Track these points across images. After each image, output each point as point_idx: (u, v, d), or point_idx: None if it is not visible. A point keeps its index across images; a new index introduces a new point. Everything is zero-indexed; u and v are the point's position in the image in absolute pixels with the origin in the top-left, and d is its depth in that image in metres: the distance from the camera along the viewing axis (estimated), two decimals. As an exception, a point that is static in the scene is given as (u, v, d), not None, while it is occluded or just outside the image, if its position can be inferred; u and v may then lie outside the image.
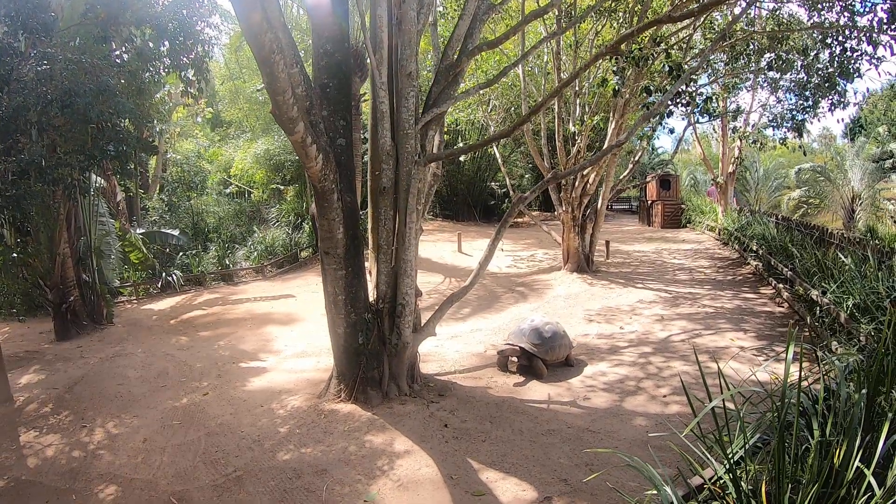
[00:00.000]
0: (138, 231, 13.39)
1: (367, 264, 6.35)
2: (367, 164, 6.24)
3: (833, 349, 6.65)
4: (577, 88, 12.39)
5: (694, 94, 8.24)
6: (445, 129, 15.58)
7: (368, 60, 5.56)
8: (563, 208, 12.72)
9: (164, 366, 8.05)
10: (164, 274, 12.69)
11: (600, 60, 9.43)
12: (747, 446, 3.07)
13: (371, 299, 6.25)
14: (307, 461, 5.02)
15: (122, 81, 7.76)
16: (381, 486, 4.59)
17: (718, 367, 3.50)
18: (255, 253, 14.45)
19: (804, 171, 23.66)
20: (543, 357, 6.73)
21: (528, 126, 13.58)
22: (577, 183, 12.40)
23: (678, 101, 8.14)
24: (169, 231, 14.21)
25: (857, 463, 2.65)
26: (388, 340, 6.10)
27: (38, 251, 9.50)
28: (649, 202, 23.33)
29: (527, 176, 26.05)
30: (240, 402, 6.57)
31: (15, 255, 9.09)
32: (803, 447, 3.03)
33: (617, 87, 7.68)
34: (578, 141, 12.18)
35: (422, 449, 5.10)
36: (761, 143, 14.05)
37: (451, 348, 8.20)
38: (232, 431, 5.75)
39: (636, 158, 13.45)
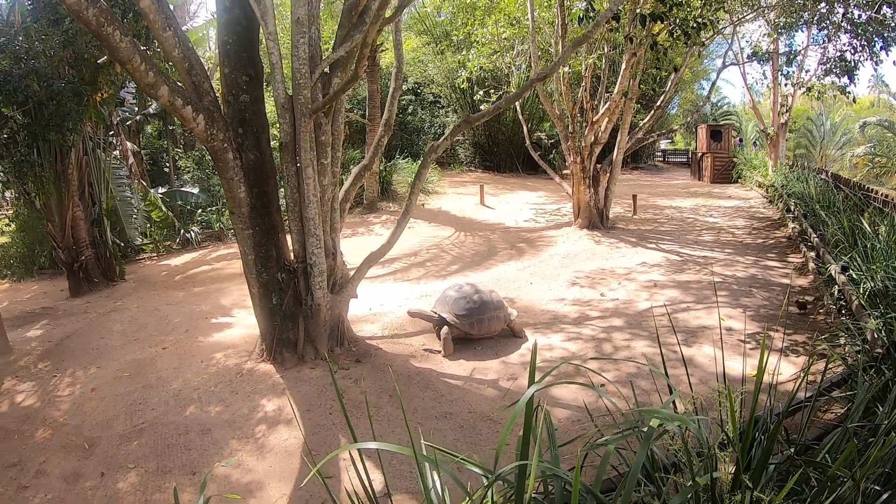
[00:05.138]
0: (159, 191, 13.91)
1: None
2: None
3: (842, 343, 5.49)
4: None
5: (688, 18, 7.02)
6: (466, 78, 14.92)
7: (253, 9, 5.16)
8: (572, 158, 11.76)
9: (147, 320, 8.31)
10: (182, 231, 13.14)
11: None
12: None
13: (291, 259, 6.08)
14: (202, 420, 5.10)
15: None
16: (245, 452, 4.57)
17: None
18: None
19: (870, 126, 20.68)
20: (467, 331, 6.10)
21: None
22: (586, 131, 11.42)
23: (672, 28, 7.03)
24: (189, 189, 14.66)
25: None
26: (304, 302, 5.91)
27: (49, 214, 10.08)
28: (699, 155, 21.43)
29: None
30: (188, 356, 6.68)
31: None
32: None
33: (582, 15, 6.76)
34: (583, 84, 11.15)
35: (302, 419, 4.96)
36: (819, 92, 12.27)
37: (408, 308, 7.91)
38: (164, 385, 5.90)
39: (658, 104, 12.19)
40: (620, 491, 1.64)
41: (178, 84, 5.04)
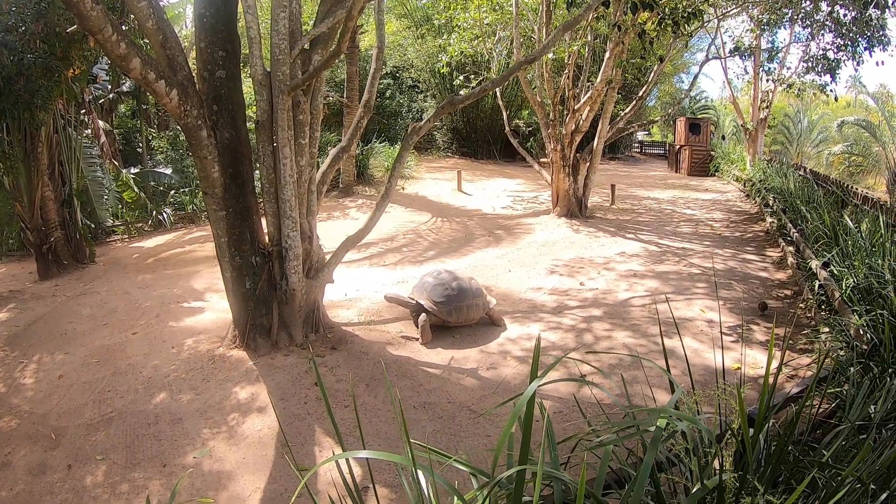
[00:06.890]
0: (131, 171, 13.49)
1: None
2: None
3: (823, 338, 5.49)
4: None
5: (678, 7, 6.93)
6: (446, 63, 14.72)
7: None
8: (552, 146, 11.68)
9: (117, 304, 8.05)
10: (154, 212, 12.77)
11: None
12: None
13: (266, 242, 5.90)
14: (172, 408, 4.95)
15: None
16: (217, 442, 4.43)
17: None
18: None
19: (847, 125, 21.06)
20: (445, 319, 5.99)
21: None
22: (567, 119, 11.34)
23: (663, 17, 6.96)
24: (162, 170, 14.23)
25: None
26: (279, 286, 5.73)
27: (17, 194, 9.70)
28: (678, 147, 21.61)
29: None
30: (159, 342, 6.50)
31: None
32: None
33: (570, 0, 6.61)
34: (566, 72, 11.05)
35: (276, 408, 4.81)
36: (798, 90, 12.36)
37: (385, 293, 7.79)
38: (134, 372, 5.72)
39: (640, 94, 12.17)
40: (628, 494, 1.55)
41: (152, 57, 4.79)
